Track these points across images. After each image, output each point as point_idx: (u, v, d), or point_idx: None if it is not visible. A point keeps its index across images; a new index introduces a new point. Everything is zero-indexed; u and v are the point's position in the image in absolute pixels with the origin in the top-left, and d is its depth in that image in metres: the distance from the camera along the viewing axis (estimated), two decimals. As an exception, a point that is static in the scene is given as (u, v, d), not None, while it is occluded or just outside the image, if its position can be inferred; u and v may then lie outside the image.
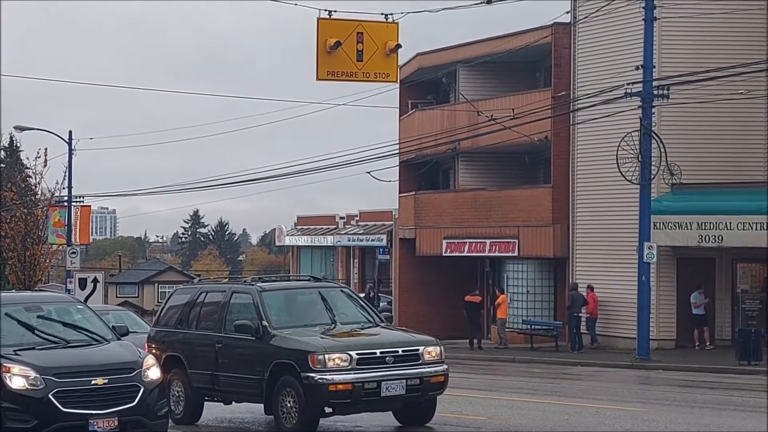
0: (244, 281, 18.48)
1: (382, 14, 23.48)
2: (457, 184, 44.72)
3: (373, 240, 57.59)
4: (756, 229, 31.78)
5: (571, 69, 37.42)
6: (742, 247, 32.77)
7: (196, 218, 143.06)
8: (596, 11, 34.49)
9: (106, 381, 14.08)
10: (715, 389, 23.57)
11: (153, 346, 18.59)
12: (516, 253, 39.96)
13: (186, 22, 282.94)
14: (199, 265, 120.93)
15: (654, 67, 31.42)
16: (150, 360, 14.93)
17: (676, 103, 32.13)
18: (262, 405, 16.50)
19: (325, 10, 22.74)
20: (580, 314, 35.63)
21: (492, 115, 36.08)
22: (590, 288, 35.97)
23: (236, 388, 17.09)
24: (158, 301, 79.06)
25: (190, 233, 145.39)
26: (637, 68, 31.18)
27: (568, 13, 36.84)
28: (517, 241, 39.60)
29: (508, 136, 36.37)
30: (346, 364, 15.48)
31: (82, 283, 39.89)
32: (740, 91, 32.33)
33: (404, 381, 15.78)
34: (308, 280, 18.88)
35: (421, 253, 43.97)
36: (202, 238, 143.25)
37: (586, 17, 35.56)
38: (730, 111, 33.73)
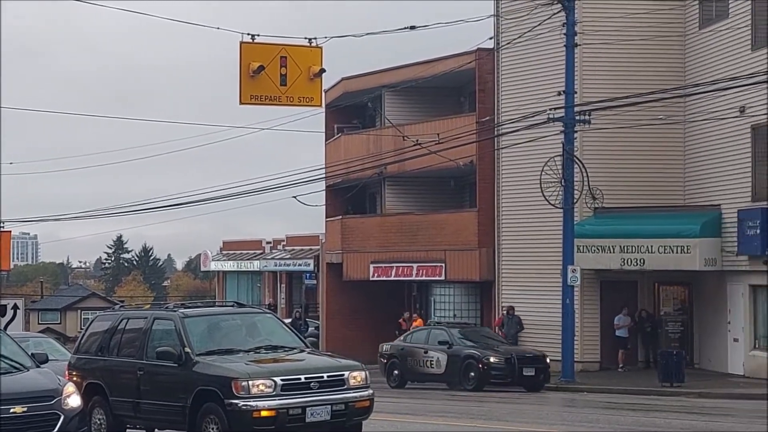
0: (166, 307, 18.31)
1: (305, 39, 23.51)
2: (384, 209, 44.81)
3: (300, 265, 57.38)
4: (676, 252, 32.26)
5: (495, 94, 37.80)
6: (663, 270, 33.24)
7: (119, 243, 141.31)
8: (519, 37, 34.89)
9: (24, 409, 13.84)
10: (638, 411, 23.79)
11: (73, 373, 18.32)
12: (443, 277, 40.12)
13: (105, 48, 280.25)
14: (123, 290, 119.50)
15: (576, 92, 31.85)
16: (70, 388, 14.70)
17: (598, 128, 32.58)
18: (185, 432, 16.31)
19: (248, 34, 22.72)
20: (514, 337, 35.81)
21: (418, 140, 36.28)
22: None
23: (159, 415, 16.88)
24: (81, 328, 77.82)
25: (113, 259, 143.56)
26: (560, 94, 31.58)
27: (491, 38, 37.25)
28: (443, 264, 39.77)
29: (434, 160, 36.59)
30: (270, 390, 15.37)
31: (2, 310, 39.12)
32: (659, 117, 32.89)
33: (329, 406, 15.70)
34: (232, 306, 18.75)
35: (349, 278, 43.93)
36: (126, 264, 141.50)
37: (509, 43, 35.96)
38: (650, 136, 34.29)
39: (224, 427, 15.42)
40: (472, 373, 30.65)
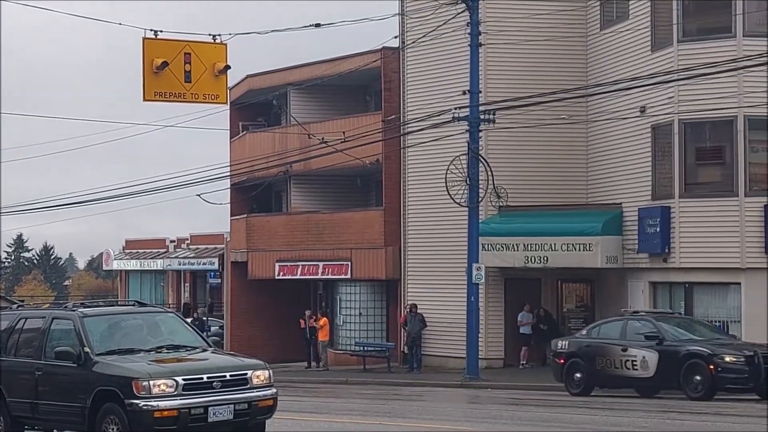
0: (65, 306, 17.97)
1: (210, 35, 23.28)
2: (290, 207, 44.63)
3: (204, 263, 56.93)
4: (579, 250, 32.68)
5: (401, 92, 37.90)
6: (566, 267, 33.65)
7: (19, 242, 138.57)
8: (423, 36, 35.03)
9: None
10: (541, 406, 24.04)
11: (-30, 375, 17.85)
12: (349, 276, 40.09)
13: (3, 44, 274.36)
14: (23, 290, 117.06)
15: (480, 92, 32.06)
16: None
17: (503, 127, 32.84)
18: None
19: (151, 30, 22.40)
20: (418, 334, 35.92)
21: (323, 138, 36.18)
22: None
23: (58, 416, 16.56)
24: (-20, 329, 76.06)
25: (13, 258, 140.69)
26: (464, 93, 31.78)
27: (396, 37, 37.35)
28: (349, 263, 39.75)
29: (340, 158, 36.55)
30: (172, 390, 15.19)
31: None
32: (562, 116, 33.29)
33: (232, 406, 15.58)
34: (133, 305, 18.48)
35: (254, 277, 43.65)
36: (27, 263, 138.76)
37: (413, 42, 36.08)
38: (553, 135, 34.69)
39: (124, 428, 15.21)
40: (698, 377, 24.30)
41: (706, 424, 19.46)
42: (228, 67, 23.11)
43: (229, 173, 41.40)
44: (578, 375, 26.69)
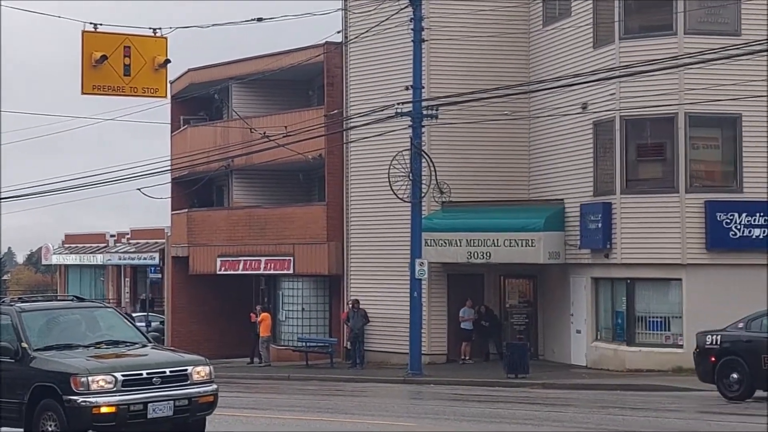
0: (3, 301, 17.67)
1: (150, 29, 23.06)
2: (232, 202, 44.34)
3: (145, 258, 56.41)
4: (521, 246, 32.79)
5: (344, 88, 37.77)
6: (508, 263, 33.75)
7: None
8: (366, 32, 34.93)
9: None
10: (483, 402, 24.08)
11: None
12: (291, 271, 39.92)
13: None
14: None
15: (423, 87, 32.04)
16: None
17: (445, 123, 32.87)
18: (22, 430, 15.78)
19: (91, 23, 22.15)
20: (361, 330, 35.85)
21: (265, 133, 35.94)
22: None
23: (-5, 412, 16.25)
24: None
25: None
26: (407, 88, 31.73)
27: (339, 32, 37.20)
28: (292, 258, 39.57)
29: (283, 153, 36.35)
30: (110, 386, 15.01)
31: None
32: (505, 113, 33.37)
33: (172, 402, 15.41)
34: (72, 300, 18.23)
35: (195, 272, 43.33)
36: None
37: (356, 37, 35.97)
38: (496, 131, 34.76)
39: (63, 424, 15.00)
40: None
41: None
42: (168, 60, 22.91)
43: (169, 167, 41.04)
44: (735, 375, 22.72)
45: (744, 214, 29.90)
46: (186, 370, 15.76)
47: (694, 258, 29.94)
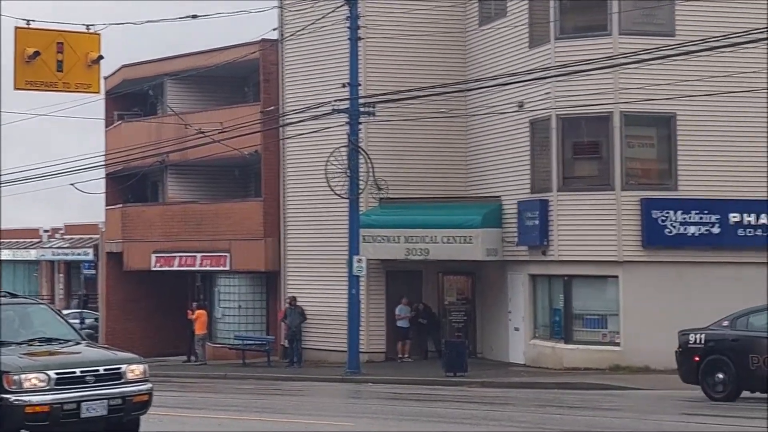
0: (-67, 298, 17.25)
1: (83, 25, 22.83)
2: (167, 197, 43.95)
3: (79, 254, 55.74)
4: (459, 243, 32.85)
5: (280, 84, 37.61)
6: (447, 260, 33.79)
7: None
8: (302, 29, 34.76)
9: None
10: (421, 401, 24.05)
11: None
12: (227, 267, 39.66)
13: None
14: None
15: (360, 84, 31.96)
16: None
17: (383, 120, 32.85)
18: None
19: (24, 20, 21.92)
20: (298, 328, 35.68)
21: (200, 128, 35.63)
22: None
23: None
24: None
25: None
26: (344, 85, 31.65)
27: (275, 29, 37.01)
28: (228, 255, 39.31)
29: (218, 149, 36.05)
30: (44, 384, 14.72)
31: None
32: (442, 110, 33.42)
33: (106, 401, 15.16)
34: (4, 296, 17.87)
35: (130, 268, 42.90)
36: None
37: (293, 34, 35.78)
38: (433, 129, 34.82)
39: (-6, 424, 14.69)
40: None
41: None
42: (101, 57, 22.72)
43: (104, 162, 40.67)
44: (720, 375, 22.05)
45: (679, 212, 30.21)
46: (120, 368, 15.52)
47: (631, 255, 30.20)
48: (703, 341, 22.43)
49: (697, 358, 22.39)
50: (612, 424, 19.03)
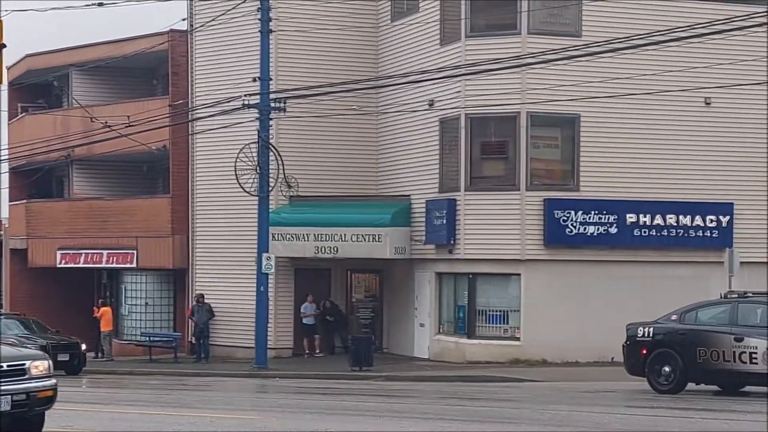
0: None
1: (-16, 11, 22.38)
2: (72, 193, 43.34)
3: (-19, 251, 54.51)
4: (368, 241, 32.99)
5: (189, 77, 37.24)
6: (356, 258, 33.91)
7: None
8: (212, 20, 34.48)
9: None
10: (328, 395, 24.17)
11: None
12: (134, 264, 39.28)
13: None
14: None
15: (271, 79, 31.86)
16: None
17: (294, 116, 32.81)
18: None
19: None
20: (206, 325, 35.49)
21: (107, 122, 35.17)
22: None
23: None
24: None
25: None
26: (255, 80, 31.52)
27: (184, 20, 36.69)
28: (135, 252, 38.94)
29: (125, 143, 35.66)
30: (-55, 380, 14.49)
31: None
32: (353, 107, 33.50)
33: (9, 397, 14.97)
34: None
35: (34, 265, 42.26)
36: None
37: (202, 26, 35.49)
38: (344, 126, 34.89)
39: None
40: None
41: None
42: (3, 45, 22.16)
43: (6, 157, 39.99)
44: (667, 368, 22.28)
45: (580, 212, 30.77)
46: (24, 364, 15.35)
47: (533, 253, 30.66)
48: (651, 334, 22.62)
49: (644, 351, 22.60)
50: (511, 414, 19.33)
